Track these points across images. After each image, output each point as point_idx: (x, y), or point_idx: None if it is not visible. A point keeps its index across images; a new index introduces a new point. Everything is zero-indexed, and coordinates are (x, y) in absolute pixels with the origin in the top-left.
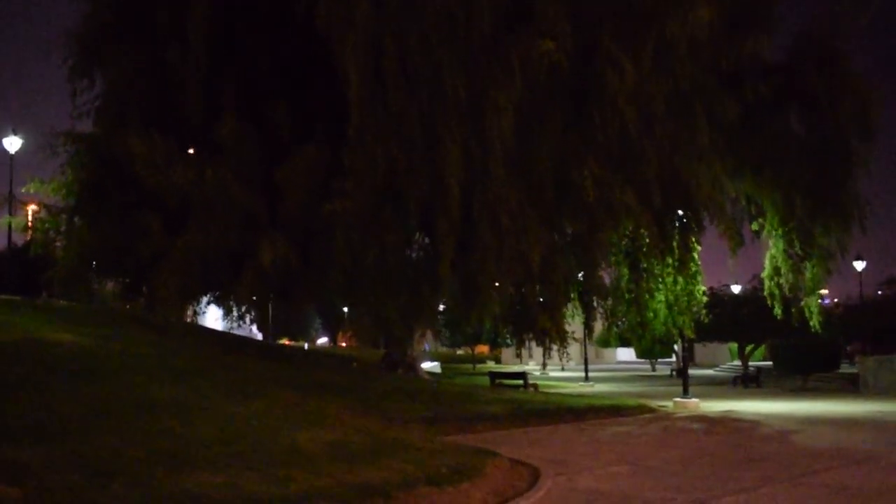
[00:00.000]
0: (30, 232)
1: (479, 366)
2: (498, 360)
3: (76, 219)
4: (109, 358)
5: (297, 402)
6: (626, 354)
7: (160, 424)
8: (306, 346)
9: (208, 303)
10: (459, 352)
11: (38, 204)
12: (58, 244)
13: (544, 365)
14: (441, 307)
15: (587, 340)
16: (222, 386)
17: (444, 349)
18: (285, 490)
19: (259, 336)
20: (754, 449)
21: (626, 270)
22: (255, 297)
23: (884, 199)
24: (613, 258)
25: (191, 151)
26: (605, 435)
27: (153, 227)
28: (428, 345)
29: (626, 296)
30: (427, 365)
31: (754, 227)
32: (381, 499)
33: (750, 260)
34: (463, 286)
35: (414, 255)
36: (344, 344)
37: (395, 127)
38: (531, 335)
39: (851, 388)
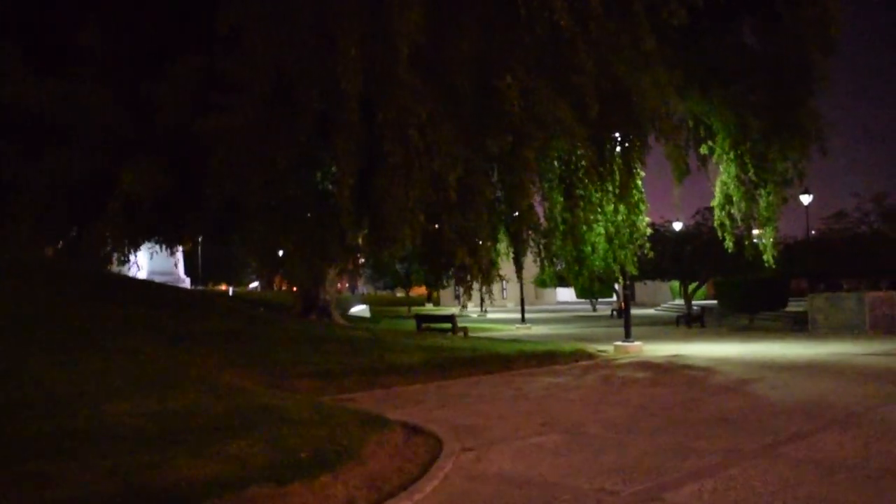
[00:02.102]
0: None
1: (414, 308)
2: (437, 303)
3: None
4: None
5: (158, 356)
6: (566, 294)
7: None
8: (231, 290)
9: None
10: (400, 294)
11: None
12: None
13: (466, 306)
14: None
15: (522, 280)
16: (56, 340)
17: (383, 292)
18: (31, 498)
19: (187, 282)
20: (711, 405)
21: (559, 197)
22: (118, 235)
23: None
24: (547, 184)
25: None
26: (535, 388)
27: (5, 152)
28: (365, 288)
29: (560, 227)
30: (356, 309)
31: (703, 149)
32: None
33: (694, 195)
34: (370, 216)
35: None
36: (284, 288)
37: (283, 24)
38: (450, 273)
39: (799, 327)
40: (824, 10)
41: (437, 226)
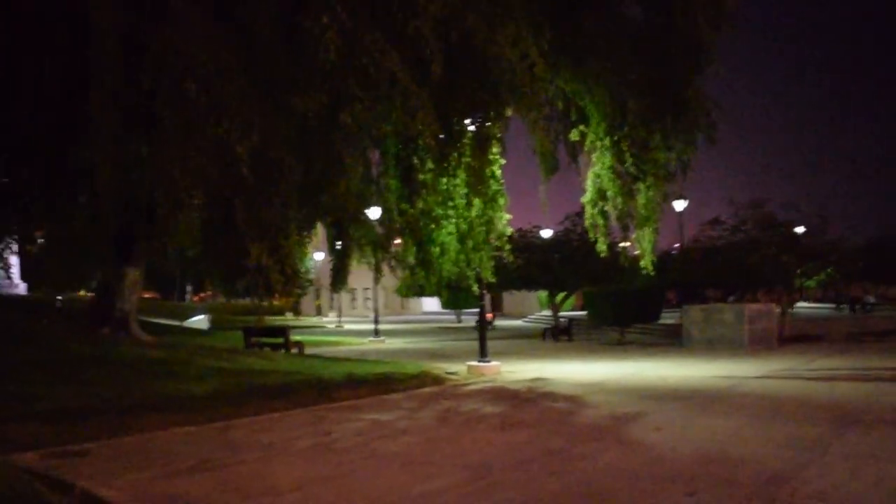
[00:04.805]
0: None
1: (271, 319)
2: (297, 312)
3: None
4: None
5: None
6: (432, 304)
7: None
8: (60, 298)
9: None
10: (266, 303)
11: None
12: None
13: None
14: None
15: (374, 287)
16: None
17: (244, 300)
18: None
19: (21, 288)
20: (580, 463)
21: (394, 182)
22: None
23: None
24: (388, 170)
25: None
26: (350, 432)
27: None
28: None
29: (398, 220)
30: (194, 319)
31: (574, 135)
32: None
33: (564, 200)
34: (140, 198)
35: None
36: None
37: None
38: (246, 275)
39: (673, 340)
40: None
41: (228, 210)
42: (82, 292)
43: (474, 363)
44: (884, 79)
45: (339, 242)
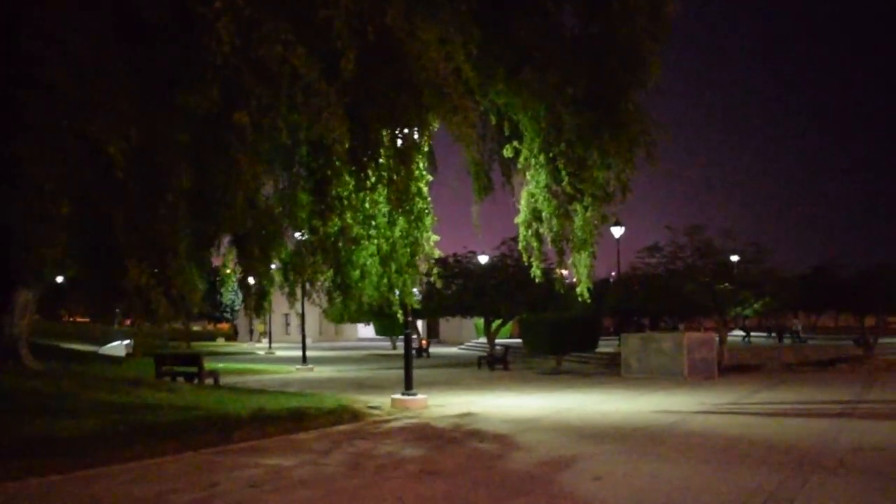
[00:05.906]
0: None
1: (204, 345)
2: (233, 337)
3: None
4: None
5: None
6: (368, 331)
7: None
8: None
9: None
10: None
11: None
12: None
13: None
14: None
15: (302, 312)
16: None
17: (176, 326)
18: None
19: None
20: None
21: (305, 196)
22: None
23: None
24: (300, 182)
25: None
26: (240, 483)
27: None
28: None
29: (310, 238)
30: (113, 344)
31: (507, 152)
32: None
33: (501, 225)
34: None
35: None
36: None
37: None
38: (122, 299)
39: (611, 370)
40: None
41: (103, 221)
42: None
43: (399, 397)
44: (832, 101)
45: (241, 263)
